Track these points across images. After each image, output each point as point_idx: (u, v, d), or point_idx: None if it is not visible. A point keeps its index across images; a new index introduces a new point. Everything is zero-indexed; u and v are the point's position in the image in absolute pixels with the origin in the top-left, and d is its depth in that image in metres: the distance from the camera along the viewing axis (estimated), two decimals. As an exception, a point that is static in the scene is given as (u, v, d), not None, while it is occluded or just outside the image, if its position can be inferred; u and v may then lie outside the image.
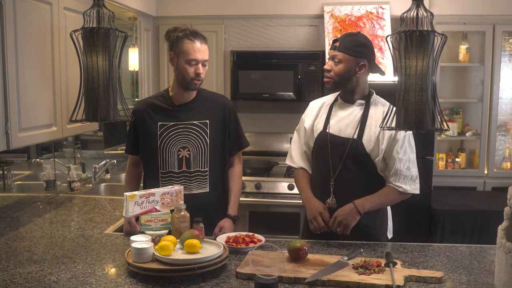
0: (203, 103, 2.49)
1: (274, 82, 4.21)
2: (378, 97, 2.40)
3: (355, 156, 2.30)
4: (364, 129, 2.30)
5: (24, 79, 2.48)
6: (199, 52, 2.35)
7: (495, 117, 4.25)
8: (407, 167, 2.28)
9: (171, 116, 2.45)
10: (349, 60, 2.26)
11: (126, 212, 2.15)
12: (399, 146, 2.27)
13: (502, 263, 1.71)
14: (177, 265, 1.86)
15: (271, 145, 4.59)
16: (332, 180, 2.32)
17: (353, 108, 2.36)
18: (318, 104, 2.48)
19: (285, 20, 4.39)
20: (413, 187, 2.31)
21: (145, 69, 4.23)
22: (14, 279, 1.88)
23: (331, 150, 2.34)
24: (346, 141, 2.31)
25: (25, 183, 3.33)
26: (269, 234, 2.63)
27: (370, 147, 2.29)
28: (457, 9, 4.17)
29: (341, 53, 2.26)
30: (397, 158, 2.27)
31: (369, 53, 2.29)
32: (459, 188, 4.35)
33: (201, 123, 2.45)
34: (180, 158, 2.44)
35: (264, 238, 2.29)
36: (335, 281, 1.83)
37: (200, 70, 2.36)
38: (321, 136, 2.39)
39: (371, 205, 2.27)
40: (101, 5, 2.02)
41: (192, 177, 2.44)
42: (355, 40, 2.29)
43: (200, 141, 2.45)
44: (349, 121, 2.34)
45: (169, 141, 2.44)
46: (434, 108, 1.80)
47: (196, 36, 2.36)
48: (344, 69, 2.27)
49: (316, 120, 2.44)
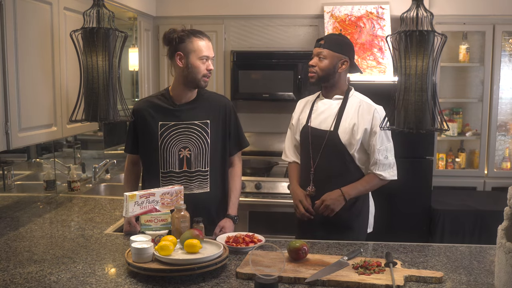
0: (203, 103, 2.50)
1: (274, 82, 4.21)
2: (356, 92, 2.60)
3: (332, 147, 2.51)
4: (340, 122, 2.51)
5: (24, 79, 2.48)
6: (209, 49, 2.41)
7: (495, 117, 4.25)
8: (385, 156, 2.49)
9: (172, 115, 2.45)
10: (333, 56, 2.49)
11: (126, 212, 2.15)
12: (377, 138, 2.48)
13: (502, 263, 1.71)
14: (177, 265, 1.86)
15: (271, 145, 4.58)
16: (312, 170, 2.56)
17: (331, 102, 2.58)
18: (303, 101, 2.73)
19: (285, 20, 4.39)
20: (391, 173, 2.53)
21: (145, 69, 4.23)
22: (14, 279, 1.88)
23: (312, 142, 2.57)
24: (324, 133, 2.53)
25: (25, 183, 3.33)
26: (269, 234, 2.63)
27: (345, 138, 2.49)
28: (457, 9, 4.17)
29: (326, 50, 2.48)
30: (376, 149, 2.48)
31: (351, 51, 2.53)
32: (459, 188, 4.35)
33: (202, 123, 2.45)
34: (181, 158, 2.44)
35: (264, 238, 2.29)
36: (335, 281, 1.83)
37: (211, 66, 2.42)
38: (304, 130, 2.63)
39: (356, 192, 2.51)
40: (101, 5, 2.02)
41: (193, 177, 2.44)
42: (339, 39, 2.56)
43: (201, 141, 2.45)
44: (328, 114, 2.56)
45: (170, 141, 2.44)
46: (434, 108, 1.80)
47: (202, 34, 2.41)
48: (329, 65, 2.49)
49: (300, 115, 2.68)
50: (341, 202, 2.47)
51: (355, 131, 2.48)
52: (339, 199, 2.47)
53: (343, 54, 2.50)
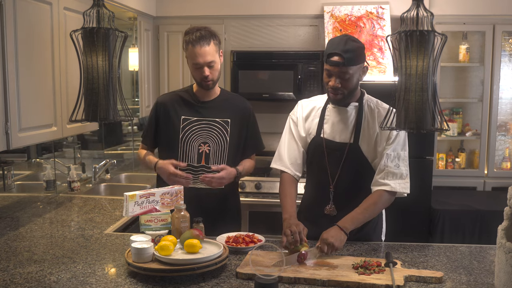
0: (225, 102, 2.58)
1: (274, 82, 4.21)
2: (369, 96, 2.34)
3: (353, 160, 2.25)
4: (359, 133, 2.26)
5: (24, 79, 2.48)
6: (200, 56, 2.39)
7: (495, 117, 4.25)
8: (396, 164, 2.19)
9: (194, 111, 2.52)
10: (357, 69, 2.18)
11: (126, 212, 2.14)
12: (390, 144, 2.21)
13: (502, 263, 1.71)
14: (177, 265, 1.85)
15: (271, 145, 4.56)
16: (332, 187, 2.28)
17: (347, 111, 2.29)
18: (308, 107, 2.39)
19: (285, 20, 4.39)
20: (402, 185, 2.19)
21: (145, 69, 4.23)
22: (14, 279, 1.88)
23: (328, 155, 2.28)
24: (343, 146, 2.26)
25: (25, 183, 3.34)
26: (269, 234, 2.63)
27: (367, 150, 2.25)
28: (457, 9, 4.17)
29: (349, 67, 2.14)
30: (384, 154, 2.20)
31: (364, 52, 2.23)
32: (459, 188, 4.35)
33: (223, 121, 2.52)
34: (200, 152, 2.49)
35: (264, 238, 2.29)
36: (335, 281, 1.83)
37: (206, 73, 2.42)
38: (315, 142, 2.33)
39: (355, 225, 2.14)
40: (101, 5, 2.02)
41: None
42: (353, 47, 2.16)
43: (221, 138, 2.51)
44: (344, 124, 2.28)
45: (191, 136, 2.50)
46: (434, 108, 1.80)
47: (199, 40, 2.38)
48: (355, 80, 2.20)
49: (307, 123, 2.37)
50: (342, 239, 2.08)
51: (378, 142, 2.23)
52: (340, 235, 2.08)
53: (363, 61, 2.20)
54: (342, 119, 2.29)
